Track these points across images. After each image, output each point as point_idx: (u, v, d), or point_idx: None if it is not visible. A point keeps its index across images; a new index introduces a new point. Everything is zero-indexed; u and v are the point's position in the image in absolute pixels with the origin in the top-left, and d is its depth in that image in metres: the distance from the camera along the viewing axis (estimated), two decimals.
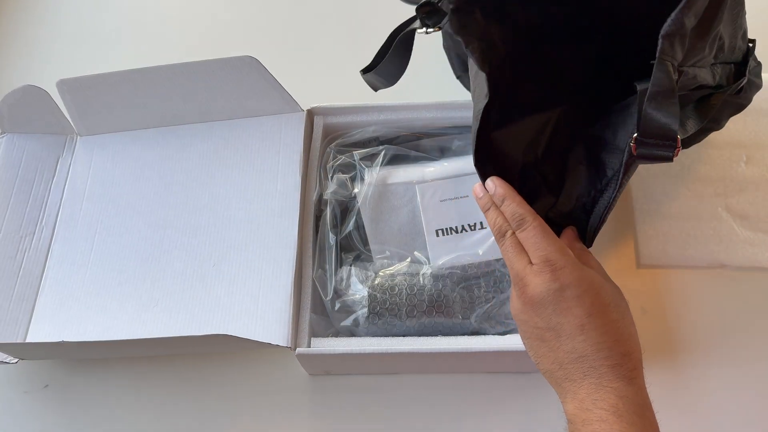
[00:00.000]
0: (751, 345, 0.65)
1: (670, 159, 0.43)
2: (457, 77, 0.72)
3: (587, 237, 0.54)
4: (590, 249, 0.53)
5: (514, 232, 0.46)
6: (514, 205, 0.47)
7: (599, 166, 0.53)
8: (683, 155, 0.73)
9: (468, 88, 0.71)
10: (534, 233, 0.45)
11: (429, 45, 0.87)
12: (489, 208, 0.49)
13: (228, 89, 0.68)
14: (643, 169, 0.73)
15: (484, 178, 0.52)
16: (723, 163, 0.73)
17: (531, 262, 0.44)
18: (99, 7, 0.94)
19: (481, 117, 0.50)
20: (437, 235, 0.64)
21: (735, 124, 0.75)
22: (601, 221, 0.52)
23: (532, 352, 0.46)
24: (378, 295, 0.61)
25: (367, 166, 0.67)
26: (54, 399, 0.66)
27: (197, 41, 0.90)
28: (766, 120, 0.62)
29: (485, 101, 0.50)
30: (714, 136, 0.74)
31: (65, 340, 0.60)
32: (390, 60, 0.61)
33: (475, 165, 0.51)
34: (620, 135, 0.52)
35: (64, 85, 0.68)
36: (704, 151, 0.74)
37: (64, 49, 0.91)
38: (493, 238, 0.62)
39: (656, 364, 0.64)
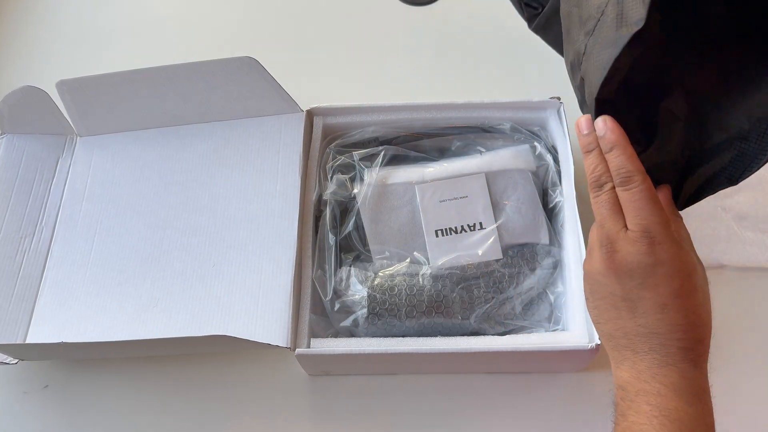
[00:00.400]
0: (752, 345, 0.65)
1: None
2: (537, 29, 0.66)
3: (680, 199, 0.50)
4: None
5: (614, 187, 0.41)
6: (624, 158, 0.41)
7: (703, 127, 0.48)
8: None
9: (547, 40, 0.69)
10: (640, 196, 0.40)
11: (428, 45, 0.88)
12: (592, 150, 0.43)
13: (228, 90, 0.68)
14: None
15: (598, 113, 0.44)
16: None
17: (626, 227, 0.40)
18: (99, 8, 0.95)
19: (630, 41, 0.40)
20: (437, 236, 0.64)
21: None
22: (711, 188, 0.48)
23: (596, 312, 0.43)
24: (377, 295, 0.61)
25: (366, 167, 0.67)
26: (54, 399, 0.66)
27: (197, 41, 0.90)
28: None
29: (638, 27, 0.40)
30: None
31: (65, 340, 0.60)
32: None
33: (597, 97, 0.43)
34: (746, 103, 0.47)
35: (64, 86, 0.68)
36: None
37: (64, 49, 0.91)
38: (493, 239, 0.63)
39: None
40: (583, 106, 0.49)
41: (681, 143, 0.49)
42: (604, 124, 0.42)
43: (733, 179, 0.49)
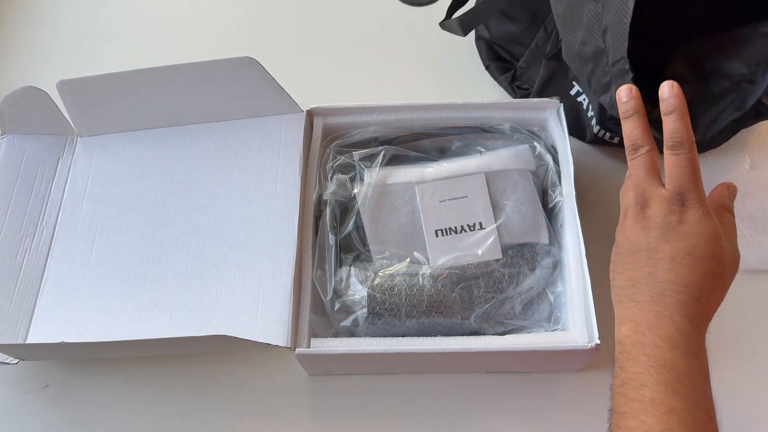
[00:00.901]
0: (754, 350, 0.65)
1: None
2: (486, 67, 0.75)
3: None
4: None
5: (650, 150, 0.44)
6: (680, 123, 0.44)
7: (706, 81, 0.57)
8: None
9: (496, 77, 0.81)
10: (686, 163, 0.43)
11: (428, 45, 0.88)
12: (630, 116, 0.46)
13: (228, 90, 0.68)
14: None
15: (623, 79, 0.51)
16: (727, 167, 0.73)
17: (663, 186, 0.43)
18: (99, 7, 0.95)
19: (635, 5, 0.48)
20: (437, 236, 0.64)
21: None
22: (720, 121, 0.55)
23: (614, 266, 0.47)
24: (377, 295, 0.61)
25: (366, 167, 0.67)
26: (54, 399, 0.66)
27: (197, 41, 0.90)
28: None
29: None
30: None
31: (65, 340, 0.60)
32: None
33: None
34: (741, 55, 0.57)
35: (64, 86, 0.68)
36: (707, 156, 0.74)
37: (64, 49, 0.91)
38: (492, 239, 0.63)
39: None
40: (600, 89, 0.58)
41: (689, 98, 0.52)
42: (671, 88, 0.44)
43: (741, 107, 0.57)
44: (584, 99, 0.72)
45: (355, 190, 0.66)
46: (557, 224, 0.66)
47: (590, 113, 0.72)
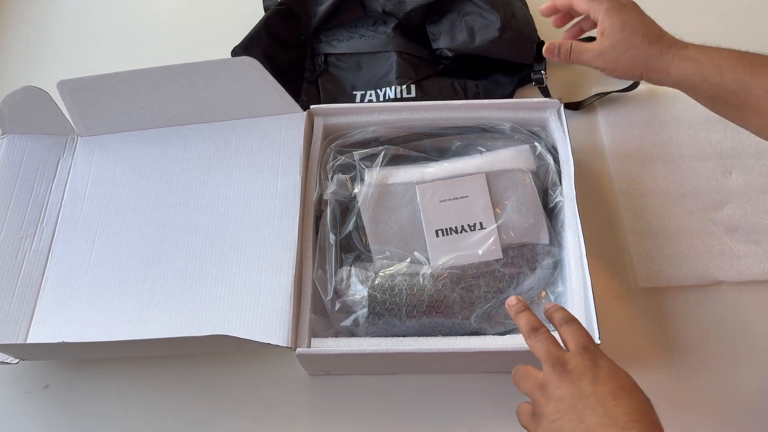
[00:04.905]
0: (754, 359, 0.65)
1: None
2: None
3: None
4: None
5: (546, 330, 0.51)
6: (566, 313, 0.53)
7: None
8: (668, 170, 0.74)
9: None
10: (577, 328, 0.51)
11: None
12: (522, 311, 0.53)
13: (228, 90, 0.68)
14: (629, 188, 0.73)
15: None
16: (707, 175, 0.73)
17: (569, 349, 0.50)
18: (98, 8, 0.95)
19: None
20: (437, 236, 0.64)
21: (716, 135, 0.76)
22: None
23: (558, 426, 0.47)
24: (378, 295, 0.61)
25: (367, 166, 0.67)
26: (54, 399, 0.66)
27: (197, 40, 0.90)
28: (743, 130, 0.63)
29: None
30: (696, 148, 0.75)
31: (66, 340, 0.60)
32: None
33: None
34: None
35: (64, 86, 0.68)
36: (687, 165, 0.74)
37: (64, 50, 0.91)
38: (493, 239, 0.63)
39: (661, 384, 0.63)
40: None
41: None
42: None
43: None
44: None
45: (356, 190, 0.66)
46: (558, 224, 0.66)
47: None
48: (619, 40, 0.62)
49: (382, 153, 0.67)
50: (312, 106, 0.69)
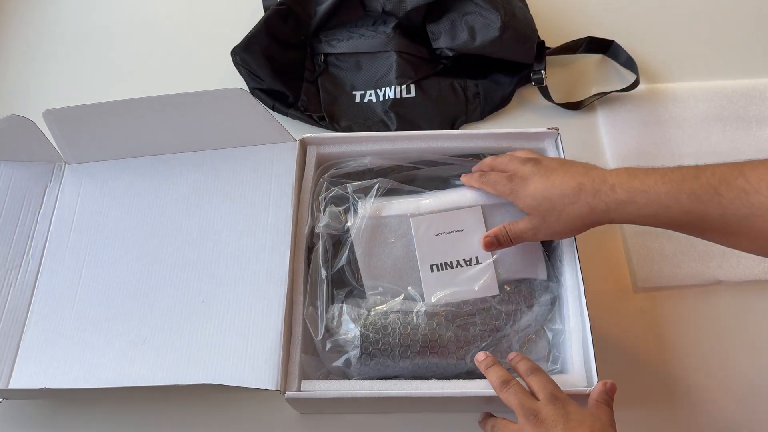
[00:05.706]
0: (754, 359, 0.65)
1: None
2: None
3: None
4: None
5: (517, 383, 0.54)
6: (530, 363, 0.56)
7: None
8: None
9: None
10: (544, 378, 0.54)
11: None
12: (491, 366, 0.56)
13: (218, 120, 0.66)
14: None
15: None
16: None
17: (538, 398, 0.53)
18: (98, 8, 0.94)
19: None
20: (432, 270, 0.63)
21: (715, 135, 0.75)
22: None
23: None
24: (371, 334, 0.59)
25: (360, 198, 0.65)
26: None
27: (197, 41, 0.90)
28: (743, 130, 0.62)
29: None
30: (696, 148, 0.75)
31: (48, 386, 0.58)
32: None
33: None
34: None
35: (50, 115, 0.66)
36: (682, 163, 0.72)
37: (64, 50, 0.90)
38: (489, 274, 0.62)
39: (660, 384, 0.63)
40: None
41: None
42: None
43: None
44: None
45: (349, 223, 0.64)
46: (556, 259, 0.64)
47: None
48: (544, 214, 0.57)
49: (377, 185, 0.65)
50: (305, 135, 0.68)
